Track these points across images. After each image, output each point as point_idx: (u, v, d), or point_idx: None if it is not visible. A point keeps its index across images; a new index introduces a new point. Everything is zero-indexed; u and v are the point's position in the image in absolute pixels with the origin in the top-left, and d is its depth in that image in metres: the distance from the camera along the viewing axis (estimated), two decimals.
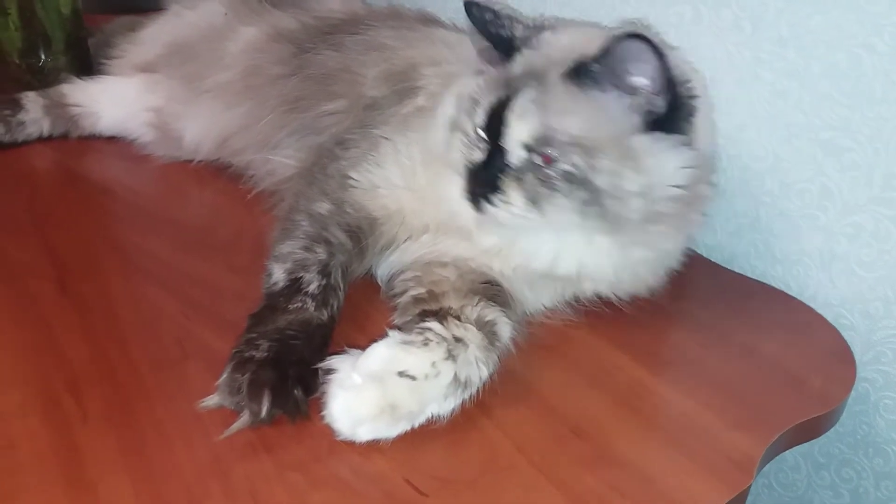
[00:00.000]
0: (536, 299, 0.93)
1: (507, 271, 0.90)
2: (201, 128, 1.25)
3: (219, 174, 1.27)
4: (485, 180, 0.82)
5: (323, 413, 0.72)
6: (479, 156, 0.84)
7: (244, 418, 0.73)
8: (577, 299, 0.94)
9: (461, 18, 1.39)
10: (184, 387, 0.79)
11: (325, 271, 0.88)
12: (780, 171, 1.01)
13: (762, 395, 0.83)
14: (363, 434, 0.70)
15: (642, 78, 0.78)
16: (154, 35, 1.42)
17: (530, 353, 0.86)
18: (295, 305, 0.84)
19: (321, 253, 0.90)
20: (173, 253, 1.04)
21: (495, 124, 0.82)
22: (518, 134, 0.81)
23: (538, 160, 0.80)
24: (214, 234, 1.12)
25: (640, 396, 0.82)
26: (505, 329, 0.83)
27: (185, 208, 1.21)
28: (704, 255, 1.12)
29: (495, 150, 0.83)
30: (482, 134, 0.84)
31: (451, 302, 0.84)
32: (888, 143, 0.89)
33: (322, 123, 1.10)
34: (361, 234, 0.95)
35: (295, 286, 0.86)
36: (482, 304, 0.83)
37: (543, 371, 0.84)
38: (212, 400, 0.75)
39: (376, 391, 0.70)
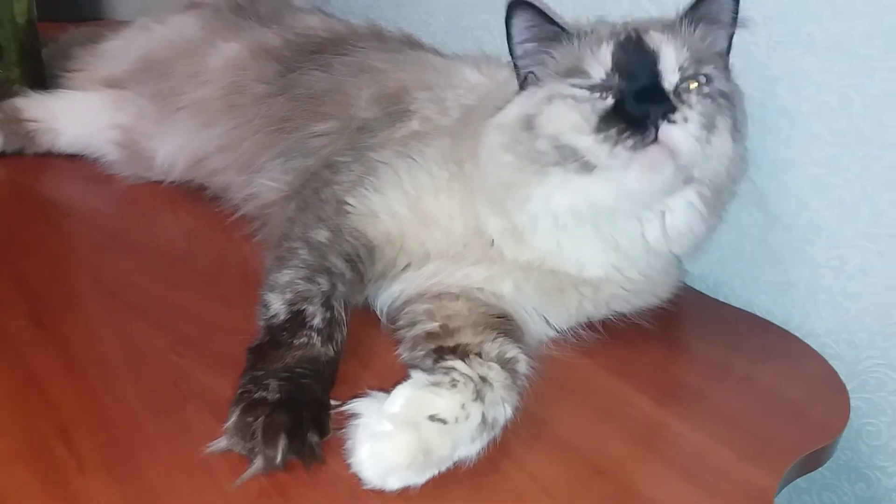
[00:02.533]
0: (545, 326, 0.92)
1: (519, 294, 0.89)
2: (175, 147, 1.20)
3: (192, 196, 1.22)
4: (653, 97, 0.76)
5: (349, 461, 0.68)
6: (609, 101, 0.79)
7: (257, 464, 0.69)
8: (588, 322, 0.94)
9: (438, 42, 1.41)
10: (187, 431, 0.74)
11: (328, 303, 0.85)
12: (766, 204, 1.04)
13: (767, 427, 0.84)
14: (393, 482, 0.67)
15: (731, 12, 0.85)
16: (121, 49, 1.35)
17: (541, 388, 0.84)
18: (301, 340, 0.80)
19: (323, 283, 0.86)
20: (155, 283, 0.98)
21: (630, 60, 0.79)
22: (672, 57, 0.79)
23: (690, 84, 0.80)
24: (195, 261, 1.06)
25: (653, 431, 0.82)
26: (523, 366, 0.81)
27: (161, 233, 1.15)
28: (688, 283, 1.14)
29: (637, 85, 0.78)
30: (612, 78, 0.79)
31: (468, 338, 0.82)
32: (876, 182, 0.93)
33: (311, 145, 1.06)
34: (360, 262, 0.92)
35: (298, 319, 0.82)
36: (501, 339, 0.82)
37: (556, 407, 0.83)
38: (219, 444, 0.71)
39: (409, 437, 0.67)
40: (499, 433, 0.75)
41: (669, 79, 0.79)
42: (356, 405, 0.71)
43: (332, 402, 0.76)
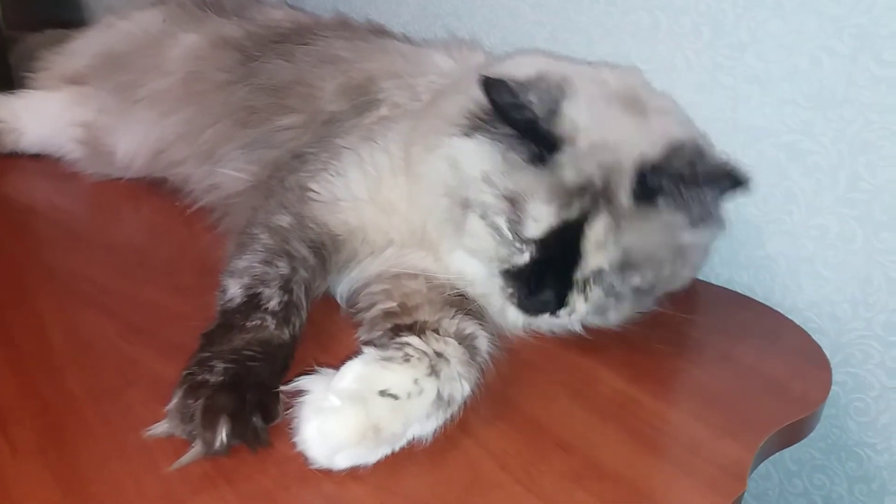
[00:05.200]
0: (504, 315, 0.88)
1: (473, 291, 0.86)
2: (135, 140, 1.17)
3: (154, 190, 1.19)
4: (549, 299, 0.80)
5: (295, 440, 0.65)
6: (524, 260, 0.81)
7: (196, 449, 0.65)
8: None
9: (410, 30, 1.39)
10: (128, 416, 0.71)
11: (286, 287, 0.81)
12: None
13: (744, 402, 0.80)
14: (341, 461, 0.63)
15: (717, 195, 0.83)
16: (84, 46, 1.33)
17: (507, 366, 0.81)
18: (253, 323, 0.77)
19: (283, 267, 0.83)
20: (110, 275, 0.95)
21: (558, 242, 0.79)
22: (595, 262, 0.79)
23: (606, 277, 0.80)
24: (154, 253, 1.04)
25: (623, 407, 0.78)
26: (483, 342, 0.78)
27: (120, 228, 1.12)
28: None
29: (553, 261, 0.79)
30: (536, 245, 0.80)
31: (426, 315, 0.78)
32: (851, 144, 0.89)
33: (277, 139, 1.04)
34: (323, 249, 0.89)
35: (253, 302, 0.79)
36: (459, 316, 0.78)
37: (522, 385, 0.79)
38: (160, 428, 0.68)
39: (357, 413, 0.63)
40: (457, 411, 0.71)
41: (583, 272, 0.80)
42: (303, 382, 0.68)
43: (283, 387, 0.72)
